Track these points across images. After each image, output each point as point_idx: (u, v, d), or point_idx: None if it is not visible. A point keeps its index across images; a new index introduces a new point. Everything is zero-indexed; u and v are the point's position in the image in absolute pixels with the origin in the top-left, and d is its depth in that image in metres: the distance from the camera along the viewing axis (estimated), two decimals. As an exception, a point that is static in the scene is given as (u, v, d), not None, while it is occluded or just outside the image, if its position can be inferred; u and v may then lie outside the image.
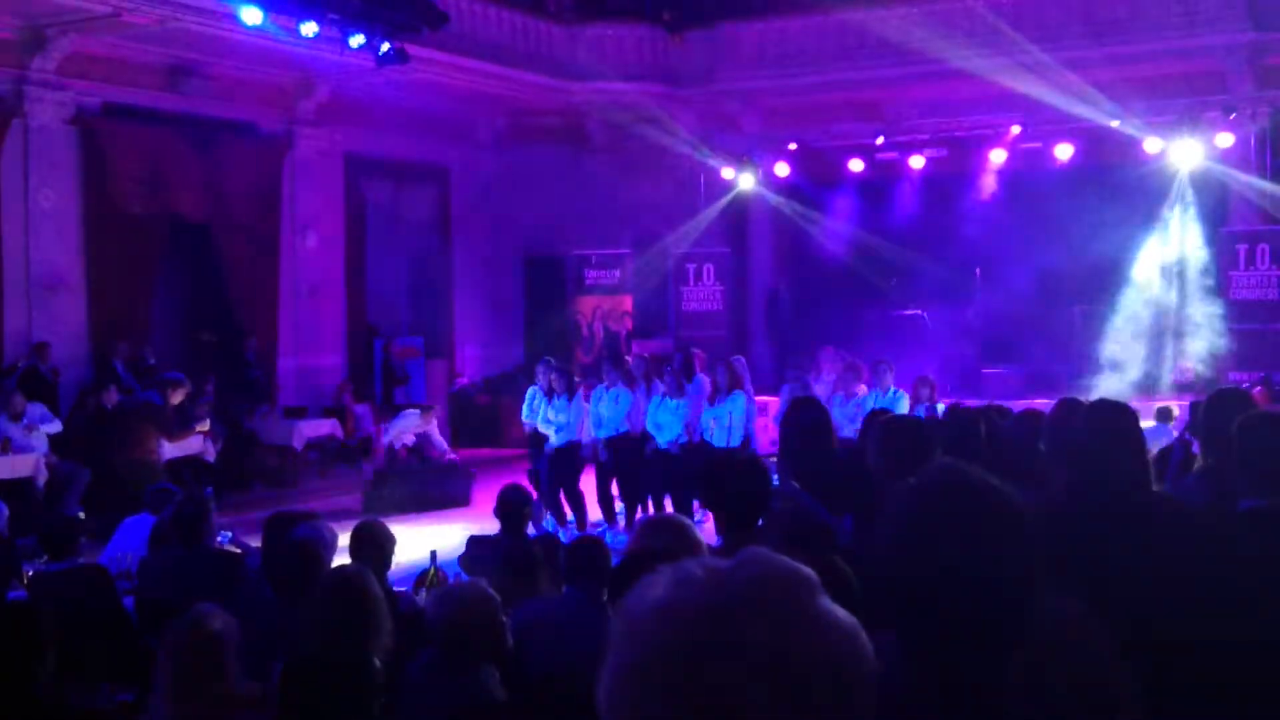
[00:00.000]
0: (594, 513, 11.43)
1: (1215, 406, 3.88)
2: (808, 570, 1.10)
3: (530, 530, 6.79)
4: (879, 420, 5.09)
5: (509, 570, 4.64)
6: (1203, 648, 2.84)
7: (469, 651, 3.73)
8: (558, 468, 11.12)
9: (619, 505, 11.46)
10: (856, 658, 1.06)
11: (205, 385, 13.23)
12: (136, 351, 13.79)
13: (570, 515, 11.24)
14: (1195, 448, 4.35)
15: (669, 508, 10.76)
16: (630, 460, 11.18)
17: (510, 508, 6.27)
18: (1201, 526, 3.15)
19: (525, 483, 9.07)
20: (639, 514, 11.17)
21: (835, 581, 1.13)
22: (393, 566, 5.32)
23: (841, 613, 1.09)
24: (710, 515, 4.47)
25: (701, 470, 3.87)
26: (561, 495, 11.26)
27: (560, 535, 9.93)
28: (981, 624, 1.60)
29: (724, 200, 17.85)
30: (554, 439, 11.11)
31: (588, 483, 11.37)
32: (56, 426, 11.73)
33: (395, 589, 5.17)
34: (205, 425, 12.22)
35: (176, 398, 11.32)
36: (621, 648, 1.07)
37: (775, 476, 4.60)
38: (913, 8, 16.08)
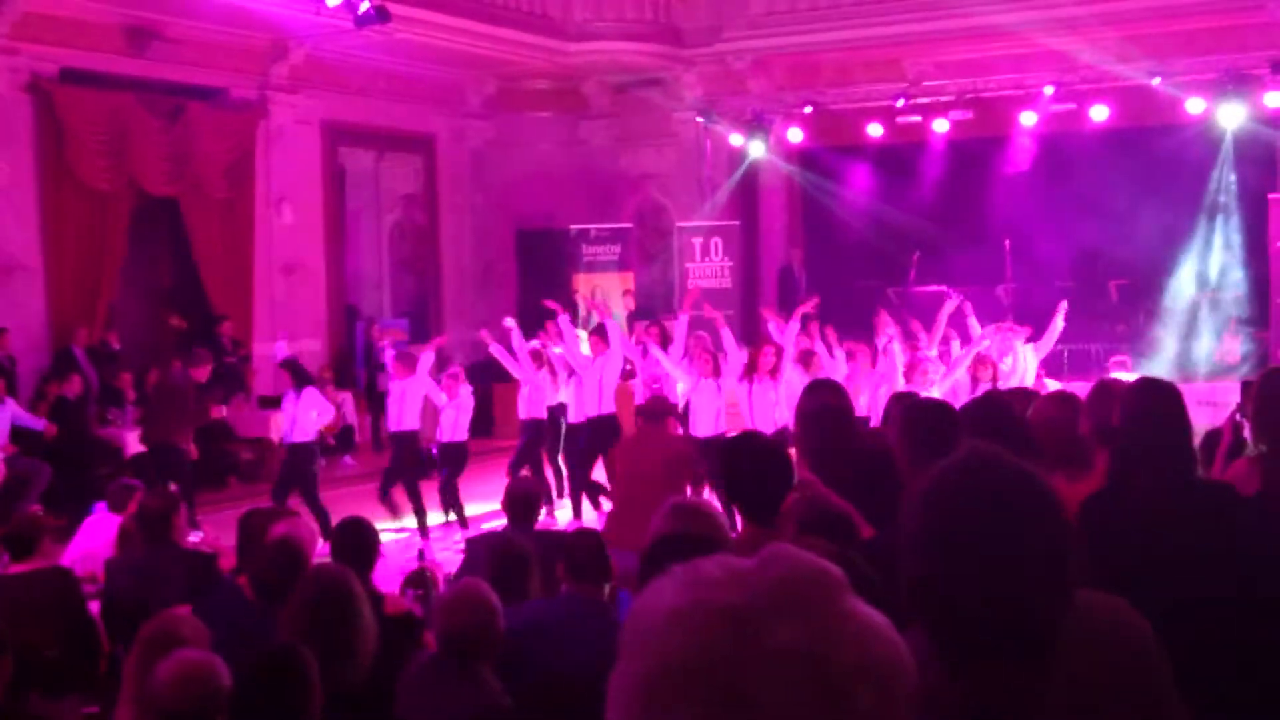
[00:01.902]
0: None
1: (1269, 387, 3.85)
2: (834, 567, 1.08)
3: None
4: (902, 403, 5.08)
5: (495, 570, 4.63)
6: (1255, 644, 2.83)
7: (470, 654, 3.78)
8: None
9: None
10: (893, 659, 1.05)
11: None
12: (98, 337, 13.77)
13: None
14: (1246, 431, 4.32)
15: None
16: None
17: (517, 500, 6.21)
18: (1254, 516, 3.13)
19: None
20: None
21: (854, 577, 1.12)
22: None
23: (874, 612, 1.07)
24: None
25: (720, 456, 3.83)
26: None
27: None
28: (1015, 622, 1.58)
29: (738, 173, 17.76)
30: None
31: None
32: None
33: (380, 590, 5.17)
34: (224, 412, 12.14)
35: (202, 375, 11.18)
36: (634, 656, 1.05)
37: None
38: (936, -43, 15.98)
